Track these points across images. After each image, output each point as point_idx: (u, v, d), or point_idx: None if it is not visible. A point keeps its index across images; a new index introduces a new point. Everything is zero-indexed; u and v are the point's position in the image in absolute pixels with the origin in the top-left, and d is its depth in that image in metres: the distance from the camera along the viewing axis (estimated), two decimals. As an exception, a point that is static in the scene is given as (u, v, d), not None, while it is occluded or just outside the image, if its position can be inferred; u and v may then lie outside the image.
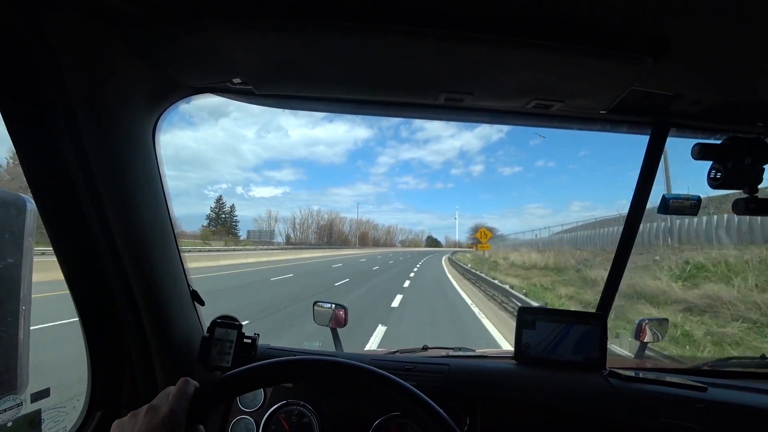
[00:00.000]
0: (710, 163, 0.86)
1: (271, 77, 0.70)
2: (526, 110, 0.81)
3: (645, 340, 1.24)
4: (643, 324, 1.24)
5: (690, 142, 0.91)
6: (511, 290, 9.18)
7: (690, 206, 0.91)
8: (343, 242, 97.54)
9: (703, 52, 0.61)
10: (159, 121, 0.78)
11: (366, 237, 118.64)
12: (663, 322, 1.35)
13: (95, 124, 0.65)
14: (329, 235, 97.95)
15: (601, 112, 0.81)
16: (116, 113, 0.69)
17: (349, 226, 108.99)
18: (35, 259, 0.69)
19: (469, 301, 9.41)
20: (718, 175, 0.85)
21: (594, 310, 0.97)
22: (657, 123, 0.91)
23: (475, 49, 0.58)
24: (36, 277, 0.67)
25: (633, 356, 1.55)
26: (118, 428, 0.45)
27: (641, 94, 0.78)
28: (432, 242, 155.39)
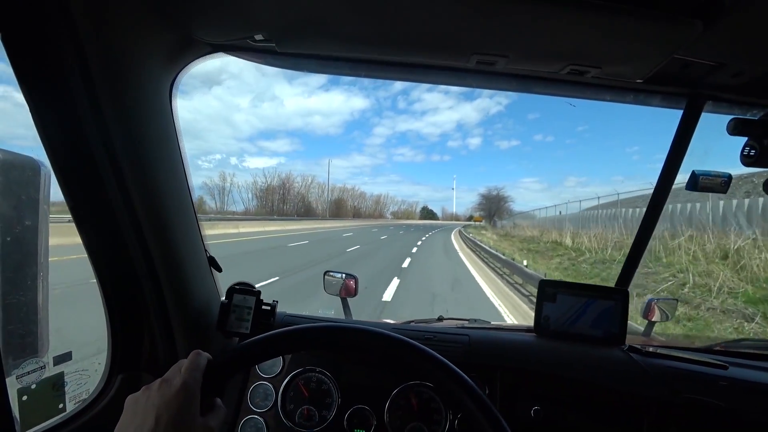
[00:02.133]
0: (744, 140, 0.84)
1: (295, 33, 0.66)
2: (559, 77, 0.77)
3: (653, 319, 1.25)
4: (652, 303, 1.25)
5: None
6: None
7: (720, 183, 0.89)
8: (305, 213, 72.52)
9: (760, 18, 0.57)
10: (176, 81, 0.75)
11: (342, 206, 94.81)
12: (672, 302, 1.35)
13: (110, 84, 0.62)
14: (282, 201, 73.49)
15: (637, 81, 0.78)
16: (131, 72, 0.65)
17: (330, 193, 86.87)
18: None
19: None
20: (752, 152, 0.83)
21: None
22: (693, 95, 0.87)
23: (515, 3, 0.54)
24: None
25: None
26: (131, 403, 0.44)
27: (680, 64, 0.74)
28: (428, 214, 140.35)
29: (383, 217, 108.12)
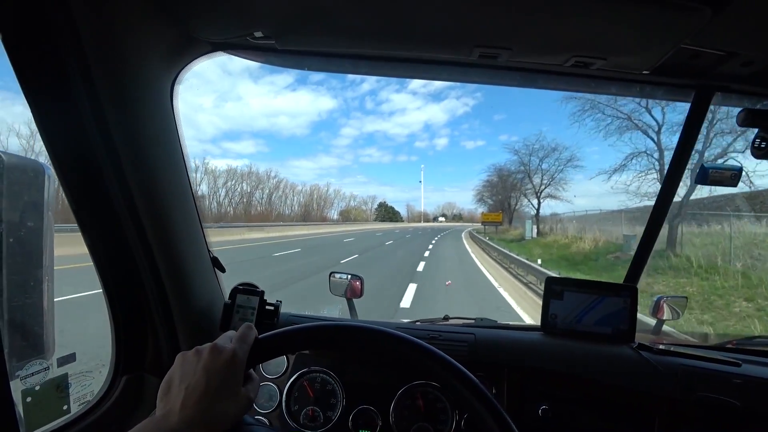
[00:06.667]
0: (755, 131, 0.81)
1: (295, 29, 0.65)
2: (563, 70, 0.76)
3: (663, 318, 1.23)
4: (661, 301, 1.23)
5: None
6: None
7: (730, 177, 0.87)
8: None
9: None
10: (177, 80, 0.75)
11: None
12: (681, 300, 1.33)
13: (111, 84, 0.62)
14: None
15: (644, 72, 0.76)
16: (132, 71, 0.65)
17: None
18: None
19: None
20: (764, 144, 0.81)
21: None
22: (701, 86, 0.85)
23: None
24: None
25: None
26: (181, 361, 0.46)
27: (689, 54, 0.72)
28: (386, 213, 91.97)
29: (322, 219, 62.45)
